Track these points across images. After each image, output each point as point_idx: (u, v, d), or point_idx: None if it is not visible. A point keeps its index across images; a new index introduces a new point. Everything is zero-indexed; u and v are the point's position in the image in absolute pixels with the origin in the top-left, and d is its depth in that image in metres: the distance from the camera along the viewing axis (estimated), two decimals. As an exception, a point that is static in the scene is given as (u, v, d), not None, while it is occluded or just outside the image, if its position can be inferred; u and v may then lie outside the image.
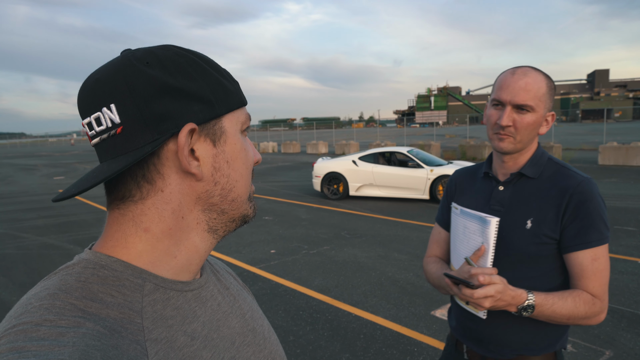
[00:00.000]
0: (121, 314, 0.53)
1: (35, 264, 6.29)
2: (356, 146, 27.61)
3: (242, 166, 0.64)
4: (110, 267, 0.57)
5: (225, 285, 0.74)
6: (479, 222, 1.33)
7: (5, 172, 23.47)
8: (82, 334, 0.47)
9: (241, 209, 0.66)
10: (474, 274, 1.22)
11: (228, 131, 0.62)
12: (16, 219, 9.73)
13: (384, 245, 6.69)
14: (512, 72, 1.30)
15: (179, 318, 0.59)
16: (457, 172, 1.62)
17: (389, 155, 10.95)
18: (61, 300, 0.51)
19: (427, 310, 4.32)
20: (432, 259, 1.61)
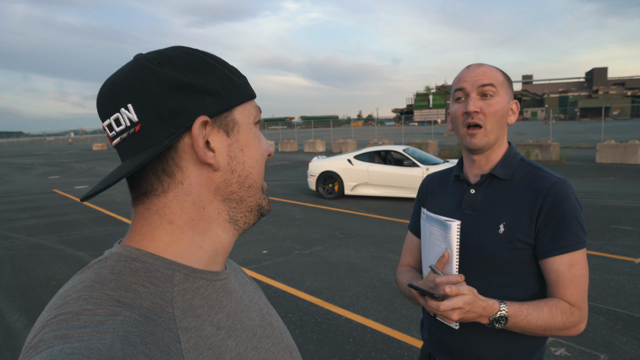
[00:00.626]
0: (153, 303, 0.56)
1: (24, 264, 6.19)
2: (354, 145, 27.53)
3: (257, 152, 0.67)
4: (141, 259, 0.60)
5: (241, 281, 0.76)
6: (440, 227, 1.26)
7: (1, 171, 23.34)
8: (120, 321, 0.50)
9: (257, 196, 0.68)
10: (439, 283, 1.14)
11: (240, 122, 0.65)
12: (8, 219, 9.63)
13: (378, 245, 6.60)
14: (467, 67, 1.31)
15: (207, 308, 0.61)
16: (429, 177, 1.54)
17: (385, 154, 10.87)
18: (97, 291, 0.54)
19: (419, 313, 4.23)
20: (404, 268, 1.53)
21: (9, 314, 4.50)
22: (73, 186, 15.32)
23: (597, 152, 16.82)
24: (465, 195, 1.34)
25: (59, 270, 5.88)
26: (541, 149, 18.04)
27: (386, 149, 10.74)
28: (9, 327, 4.20)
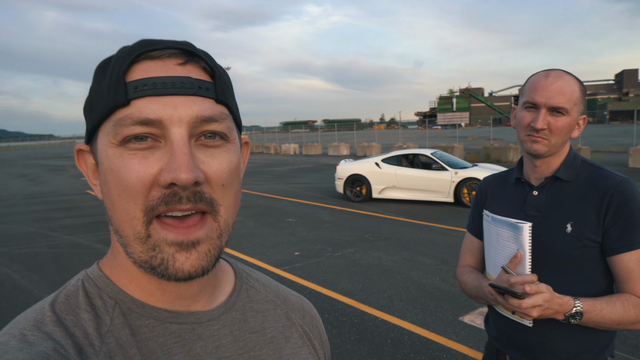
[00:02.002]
0: (85, 334, 0.52)
1: (66, 262, 6.42)
2: (378, 148, 27.50)
3: (111, 191, 0.51)
4: (95, 281, 0.57)
5: (252, 327, 0.64)
6: (510, 229, 1.31)
7: (35, 173, 24.10)
8: (36, 352, 0.47)
9: (133, 248, 0.51)
10: (514, 283, 1.20)
11: (98, 148, 0.53)
12: (46, 219, 9.97)
13: (409, 248, 6.63)
14: (546, 75, 1.29)
15: (145, 351, 0.53)
16: (487, 179, 1.59)
17: (413, 158, 10.87)
18: (43, 313, 0.52)
19: (454, 316, 4.26)
20: (466, 268, 1.59)
21: (56, 310, 4.69)
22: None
23: (630, 156, 16.45)
24: (529, 197, 1.39)
25: (99, 268, 6.07)
26: (571, 153, 17.70)
27: (414, 153, 10.74)
28: (57, 322, 4.38)
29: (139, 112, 0.49)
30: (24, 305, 4.82)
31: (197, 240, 0.51)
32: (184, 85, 0.51)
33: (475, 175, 9.57)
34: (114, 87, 0.50)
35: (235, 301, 0.64)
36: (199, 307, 0.59)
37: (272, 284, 0.74)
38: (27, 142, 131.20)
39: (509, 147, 20.27)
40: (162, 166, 0.49)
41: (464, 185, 9.66)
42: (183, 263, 0.50)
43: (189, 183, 0.48)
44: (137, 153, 0.50)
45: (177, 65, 0.52)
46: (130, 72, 0.51)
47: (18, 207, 11.98)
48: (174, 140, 0.50)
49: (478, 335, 3.86)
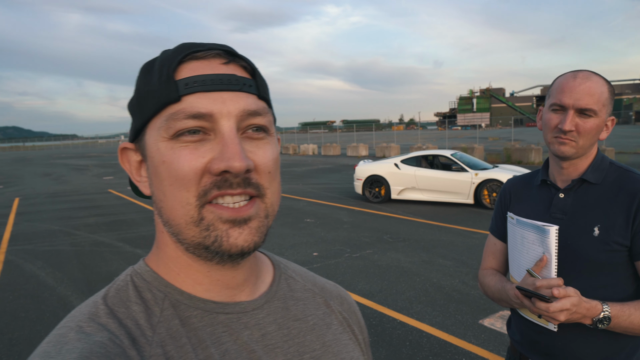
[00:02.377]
0: (137, 325, 0.54)
1: (88, 260, 6.54)
2: (397, 149, 27.35)
3: (163, 182, 0.54)
4: (143, 276, 0.60)
5: (294, 315, 0.66)
6: (536, 232, 1.29)
7: (59, 172, 24.62)
8: (93, 341, 0.50)
9: (185, 234, 0.55)
10: (540, 286, 1.18)
11: (147, 143, 0.56)
12: (69, 217, 10.18)
13: (428, 250, 6.57)
14: (574, 76, 1.26)
15: (195, 340, 0.56)
16: (511, 181, 1.57)
17: (432, 159, 10.78)
18: (97, 307, 0.55)
19: (474, 319, 4.20)
20: (489, 271, 1.57)
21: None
22: (126, 187, 15.96)
23: (656, 158, 16.04)
24: (555, 199, 1.36)
25: (120, 266, 6.17)
26: (595, 154, 17.35)
27: (434, 154, 10.65)
28: (80, 319, 4.46)
29: (190, 107, 0.52)
30: (47, 302, 4.93)
31: (248, 217, 0.54)
32: (230, 81, 0.54)
33: (495, 176, 9.44)
34: (165, 84, 0.53)
35: (276, 290, 0.66)
36: (244, 297, 0.62)
37: (308, 274, 0.76)
38: (51, 142, 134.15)
39: (531, 148, 19.95)
40: (213, 156, 0.53)
41: (485, 186, 9.54)
42: (237, 238, 0.54)
43: (242, 170, 0.52)
44: (189, 145, 0.53)
45: (221, 64, 0.56)
46: (178, 71, 0.54)
47: (42, 205, 12.26)
48: (224, 132, 0.53)
49: (498, 339, 3.80)
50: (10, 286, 5.53)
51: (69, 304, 4.84)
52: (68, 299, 5.01)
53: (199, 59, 0.55)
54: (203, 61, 0.55)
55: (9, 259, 6.75)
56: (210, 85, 0.53)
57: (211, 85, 0.53)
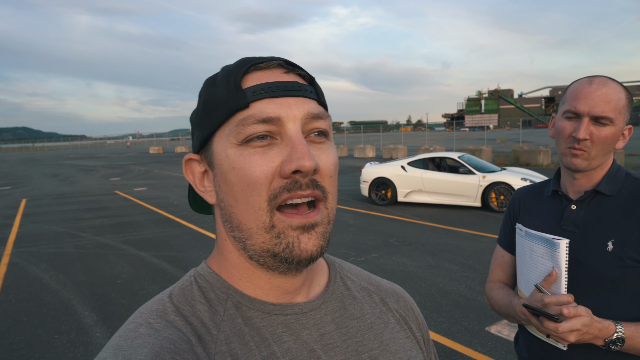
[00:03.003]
0: (202, 323, 0.57)
1: (92, 263, 6.52)
2: (404, 150, 27.23)
3: (234, 188, 0.56)
4: (205, 277, 0.63)
5: (352, 314, 0.67)
6: (546, 245, 1.22)
7: (67, 173, 24.75)
8: (163, 337, 0.53)
9: (255, 239, 0.56)
10: (549, 303, 1.11)
11: (215, 151, 0.59)
12: (75, 219, 10.19)
13: (434, 254, 6.48)
14: (589, 82, 1.19)
15: (258, 339, 0.58)
16: (521, 191, 1.50)
17: (439, 161, 10.68)
18: (164, 304, 0.59)
19: (481, 326, 4.12)
20: (496, 284, 1.50)
21: (81, 310, 4.74)
22: (133, 188, 16.01)
23: (667, 160, 15.82)
24: (566, 211, 1.29)
25: (124, 269, 6.14)
26: (604, 156, 17.16)
27: (441, 156, 10.55)
28: (81, 322, 4.42)
29: (260, 112, 0.55)
30: (49, 306, 4.90)
31: (315, 223, 0.56)
32: (294, 88, 0.57)
33: (503, 179, 9.33)
34: (233, 93, 0.56)
35: (333, 290, 0.68)
36: (300, 299, 0.63)
37: (362, 272, 0.77)
38: (60, 143, 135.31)
39: (539, 150, 19.76)
40: (282, 159, 0.54)
41: (492, 189, 9.43)
42: (307, 243, 0.55)
43: (312, 169, 0.53)
44: (258, 150, 0.55)
45: (283, 73, 0.59)
46: (244, 80, 0.57)
47: (49, 206, 12.29)
48: (291, 134, 0.55)
49: (505, 347, 3.71)
50: (13, 289, 5.51)
51: (71, 308, 4.81)
52: (70, 302, 4.98)
53: (261, 69, 0.58)
54: (266, 71, 0.58)
55: (14, 261, 6.75)
56: (276, 92, 0.56)
57: (276, 92, 0.56)
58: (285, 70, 0.59)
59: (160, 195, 13.67)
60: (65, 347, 3.93)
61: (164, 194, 13.93)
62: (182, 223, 9.23)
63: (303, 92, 0.58)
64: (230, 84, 0.57)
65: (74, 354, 3.81)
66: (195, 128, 0.62)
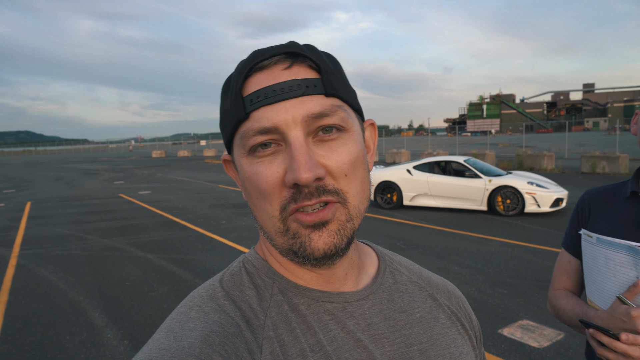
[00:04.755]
0: (251, 308, 0.57)
1: (100, 265, 6.51)
2: (407, 155, 27.22)
3: (251, 196, 0.57)
4: (253, 263, 0.63)
5: (400, 307, 0.66)
6: (628, 253, 1.12)
7: (70, 176, 24.78)
8: (212, 321, 0.53)
9: (276, 241, 0.57)
10: (636, 317, 1.00)
11: (235, 160, 0.60)
12: (81, 221, 10.19)
13: (442, 257, 6.47)
14: None
15: (304, 326, 0.58)
16: (591, 192, 1.38)
17: (445, 165, 10.67)
18: (214, 289, 0.59)
19: (493, 328, 4.10)
20: (562, 292, 1.38)
21: (91, 312, 4.74)
22: (137, 191, 16.02)
23: (672, 165, 15.77)
24: None
25: (132, 271, 6.14)
26: (608, 161, 17.14)
27: (446, 160, 10.54)
28: (92, 324, 4.42)
29: (257, 123, 0.54)
30: (59, 307, 4.90)
31: (326, 220, 0.54)
32: (291, 88, 0.54)
33: (510, 183, 9.32)
34: (234, 104, 0.55)
35: (381, 282, 0.67)
36: (347, 288, 0.63)
37: (414, 267, 0.76)
38: (62, 147, 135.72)
39: (543, 155, 19.74)
40: (285, 167, 0.53)
41: (498, 193, 9.41)
42: (317, 241, 0.54)
43: (309, 182, 0.51)
44: (264, 160, 0.55)
45: (283, 70, 0.55)
46: (245, 86, 0.56)
47: (54, 209, 12.30)
48: (291, 142, 0.53)
49: (519, 349, 3.70)
50: (23, 291, 5.51)
51: (81, 310, 4.80)
52: (80, 304, 4.98)
53: (262, 69, 0.55)
54: (266, 71, 0.55)
55: (21, 263, 6.75)
56: (272, 97, 0.53)
57: (273, 97, 0.53)
58: (286, 65, 0.55)
59: (165, 199, 13.68)
60: (77, 348, 3.92)
61: (168, 197, 13.94)
62: (188, 226, 9.23)
63: (303, 89, 0.54)
64: (232, 92, 0.56)
65: (86, 355, 3.80)
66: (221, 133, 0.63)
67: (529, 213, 9.31)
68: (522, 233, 7.79)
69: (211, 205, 12.04)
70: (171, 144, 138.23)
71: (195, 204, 12.41)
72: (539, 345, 3.74)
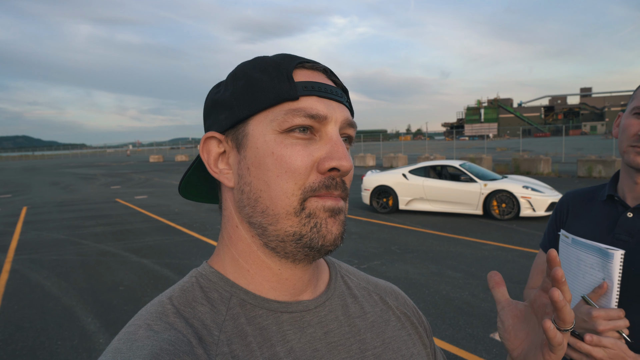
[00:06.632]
0: (203, 325, 0.56)
1: (94, 270, 6.50)
2: (404, 159, 27.26)
3: (268, 173, 0.56)
4: (208, 277, 0.62)
5: (354, 313, 0.67)
6: (598, 255, 1.13)
7: (67, 181, 24.74)
8: (162, 339, 0.52)
9: (281, 224, 0.57)
10: (596, 317, 1.01)
11: (251, 133, 0.58)
12: (76, 226, 10.17)
13: (437, 261, 6.47)
14: None
15: (260, 339, 0.57)
16: (570, 194, 1.40)
17: (440, 169, 10.70)
18: (164, 306, 0.57)
19: (485, 332, 4.10)
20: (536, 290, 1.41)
21: (83, 317, 4.73)
22: (133, 196, 16.00)
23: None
24: (621, 219, 1.21)
25: (126, 276, 6.12)
26: (604, 165, 17.19)
27: (442, 164, 10.57)
28: (84, 329, 4.41)
29: (310, 108, 0.57)
30: (52, 312, 4.89)
31: (341, 209, 0.58)
32: (337, 93, 0.61)
33: (505, 187, 9.34)
34: (285, 83, 0.57)
35: (334, 288, 0.68)
36: (306, 296, 0.63)
37: (360, 273, 0.78)
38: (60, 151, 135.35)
39: (540, 159, 19.78)
40: (320, 155, 0.57)
41: (494, 197, 9.43)
42: (332, 226, 0.57)
43: (349, 170, 0.57)
44: (299, 141, 0.57)
45: (326, 77, 0.62)
46: (293, 74, 0.59)
47: (50, 214, 12.28)
48: (332, 135, 0.58)
49: (511, 354, 3.69)
50: (16, 296, 5.50)
51: (74, 315, 4.79)
52: (73, 309, 4.97)
53: (307, 68, 0.60)
54: (312, 71, 0.60)
55: (15, 268, 6.73)
56: (324, 93, 0.58)
57: (324, 93, 0.58)
58: (327, 76, 0.62)
59: (161, 203, 13.67)
60: (69, 354, 3.91)
61: (164, 202, 13.93)
62: (183, 231, 9.22)
63: (343, 99, 0.61)
64: (282, 74, 0.58)
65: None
66: (224, 107, 0.61)
67: (524, 217, 9.33)
68: (517, 237, 7.80)
69: (207, 209, 12.03)
70: (169, 148, 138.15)
71: (191, 208, 12.40)
72: (530, 350, 3.75)
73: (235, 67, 0.64)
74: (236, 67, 0.64)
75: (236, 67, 0.64)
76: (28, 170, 40.92)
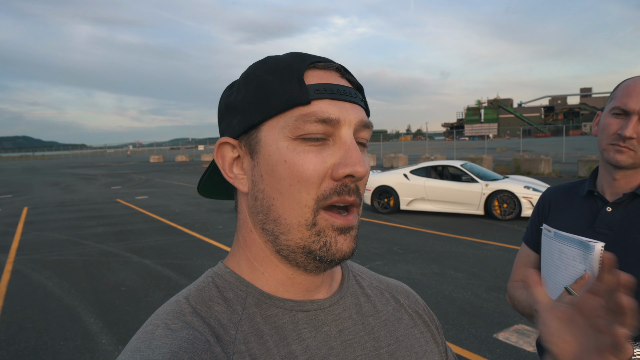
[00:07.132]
0: (220, 324, 0.56)
1: (95, 270, 6.50)
2: (405, 159, 27.26)
3: (281, 182, 0.55)
4: (224, 277, 0.62)
5: (367, 311, 0.67)
6: (579, 247, 1.18)
7: (68, 181, 24.73)
8: (181, 337, 0.52)
9: (292, 235, 0.56)
10: None
11: (263, 140, 0.57)
12: (77, 226, 10.17)
13: (439, 262, 6.47)
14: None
15: (277, 337, 0.57)
16: (552, 189, 1.46)
17: (442, 169, 10.70)
18: (181, 305, 0.58)
19: (489, 333, 4.10)
20: (519, 283, 1.47)
21: (86, 317, 4.73)
22: (134, 196, 15.99)
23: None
24: (601, 213, 1.25)
25: (127, 277, 6.12)
26: (605, 165, 17.21)
27: (443, 164, 10.57)
28: (87, 329, 4.40)
29: (321, 111, 0.55)
30: (54, 312, 4.88)
31: (352, 226, 0.57)
32: (350, 94, 0.58)
33: (506, 187, 9.34)
34: (296, 86, 0.55)
35: (347, 287, 0.68)
36: (321, 295, 0.64)
37: (370, 272, 0.78)
38: (60, 152, 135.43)
39: (540, 159, 19.79)
40: (334, 161, 0.55)
41: (495, 197, 9.43)
42: (342, 244, 0.56)
43: (364, 175, 0.55)
44: (312, 148, 0.55)
45: (339, 77, 0.59)
46: (304, 76, 0.57)
47: (51, 214, 12.27)
48: (346, 138, 0.56)
49: (514, 354, 3.69)
50: (18, 296, 5.49)
51: (76, 315, 4.79)
52: (75, 309, 4.96)
53: (320, 69, 0.58)
54: (325, 72, 0.58)
55: (17, 269, 6.73)
56: (336, 94, 0.56)
57: (337, 94, 0.56)
58: (340, 75, 0.59)
59: (162, 204, 13.66)
60: (72, 354, 3.91)
61: (165, 202, 13.93)
62: (184, 231, 9.22)
63: (357, 99, 0.59)
64: (293, 76, 0.56)
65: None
66: (236, 112, 0.59)
67: (525, 217, 9.32)
68: (519, 237, 7.79)
69: (208, 210, 12.03)
70: (169, 148, 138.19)
71: (192, 208, 12.40)
72: (534, 350, 3.73)
73: (247, 67, 0.63)
74: (248, 67, 0.62)
75: (248, 67, 0.62)
76: (28, 170, 40.92)
